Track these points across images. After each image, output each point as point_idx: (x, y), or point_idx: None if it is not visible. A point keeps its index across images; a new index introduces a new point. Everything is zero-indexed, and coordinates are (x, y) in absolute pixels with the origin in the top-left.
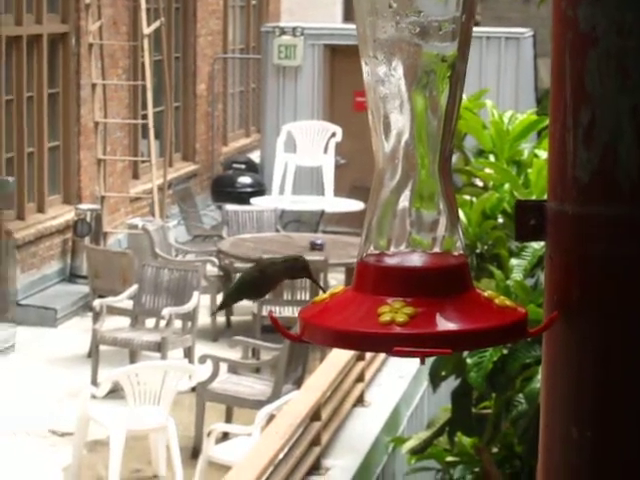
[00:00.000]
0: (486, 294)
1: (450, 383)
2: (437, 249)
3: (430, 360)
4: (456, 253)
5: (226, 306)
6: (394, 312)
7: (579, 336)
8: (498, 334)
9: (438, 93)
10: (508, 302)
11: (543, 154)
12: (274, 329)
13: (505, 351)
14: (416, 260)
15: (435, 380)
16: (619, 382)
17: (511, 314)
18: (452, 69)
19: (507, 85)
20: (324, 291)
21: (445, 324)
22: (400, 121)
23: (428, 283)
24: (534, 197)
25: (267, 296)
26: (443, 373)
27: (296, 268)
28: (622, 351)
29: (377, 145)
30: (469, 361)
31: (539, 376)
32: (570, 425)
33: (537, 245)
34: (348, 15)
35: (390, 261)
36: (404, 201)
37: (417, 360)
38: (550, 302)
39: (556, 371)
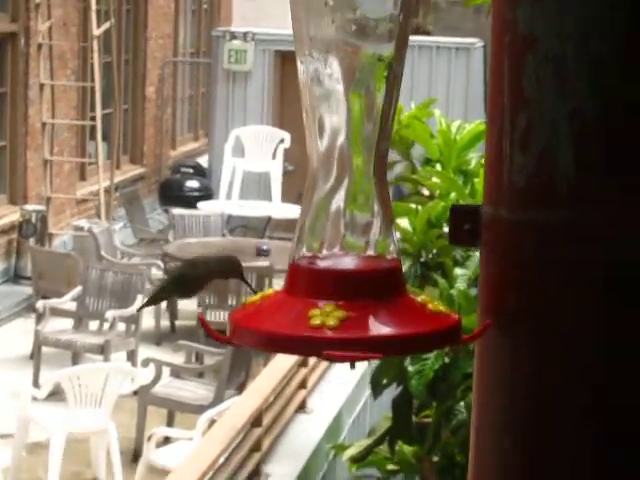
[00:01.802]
0: (419, 299)
1: (393, 391)
2: (371, 252)
3: (371, 367)
4: (390, 257)
5: (154, 303)
6: (325, 315)
7: (512, 344)
8: (431, 339)
9: (374, 93)
10: (442, 307)
11: None
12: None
13: (447, 360)
14: (349, 263)
15: (376, 388)
16: (552, 392)
17: (444, 319)
18: (389, 69)
19: (457, 95)
20: (255, 293)
21: (377, 328)
22: (335, 121)
23: (360, 286)
24: None
25: (212, 301)
26: (384, 381)
27: (229, 268)
28: (556, 360)
29: (311, 145)
30: (410, 369)
31: None
32: (502, 435)
33: None
34: None
35: (322, 264)
36: (338, 202)
37: (356, 366)
38: (484, 309)
39: (489, 380)
